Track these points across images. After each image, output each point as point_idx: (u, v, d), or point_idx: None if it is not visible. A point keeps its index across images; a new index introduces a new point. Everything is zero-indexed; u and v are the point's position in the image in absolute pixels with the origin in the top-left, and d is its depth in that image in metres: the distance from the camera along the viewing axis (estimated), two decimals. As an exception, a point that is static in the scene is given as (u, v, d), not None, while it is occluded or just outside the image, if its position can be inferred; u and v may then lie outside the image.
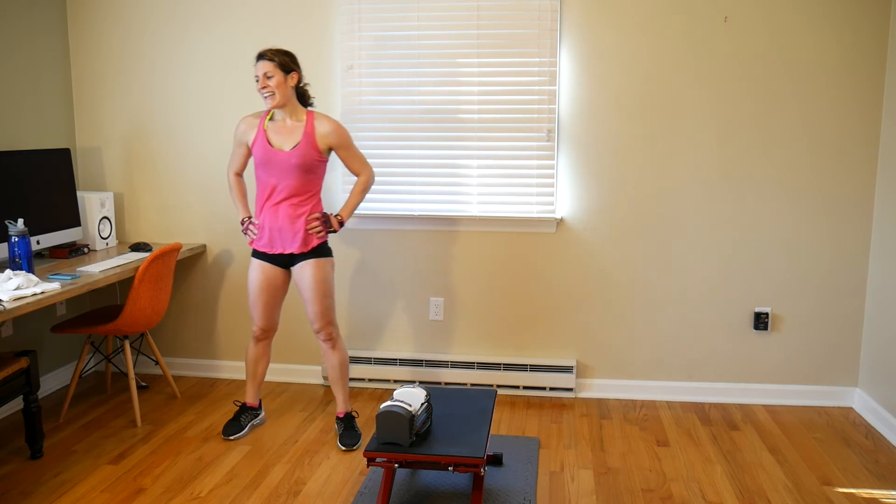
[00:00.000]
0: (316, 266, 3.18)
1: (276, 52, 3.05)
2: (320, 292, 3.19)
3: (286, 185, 3.11)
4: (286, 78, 3.05)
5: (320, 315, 3.21)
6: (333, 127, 3.12)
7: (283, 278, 3.26)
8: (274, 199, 3.13)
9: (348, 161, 3.21)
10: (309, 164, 3.10)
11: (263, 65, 3.03)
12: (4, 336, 3.56)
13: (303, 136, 3.09)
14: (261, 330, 3.32)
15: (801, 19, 3.49)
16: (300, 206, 3.13)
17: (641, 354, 3.81)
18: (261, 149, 3.11)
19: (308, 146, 3.09)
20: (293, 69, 3.07)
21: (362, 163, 3.24)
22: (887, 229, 3.45)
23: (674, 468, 3.06)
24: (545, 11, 3.60)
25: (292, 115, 3.13)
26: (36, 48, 3.74)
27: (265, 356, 3.40)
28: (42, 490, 2.86)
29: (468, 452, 2.47)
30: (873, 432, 3.41)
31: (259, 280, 3.22)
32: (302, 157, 3.08)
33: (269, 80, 3.03)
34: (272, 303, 3.27)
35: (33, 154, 3.47)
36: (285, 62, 3.05)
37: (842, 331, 3.68)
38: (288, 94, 3.08)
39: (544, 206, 3.74)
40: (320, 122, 3.12)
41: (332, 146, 3.15)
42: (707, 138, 3.62)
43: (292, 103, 3.11)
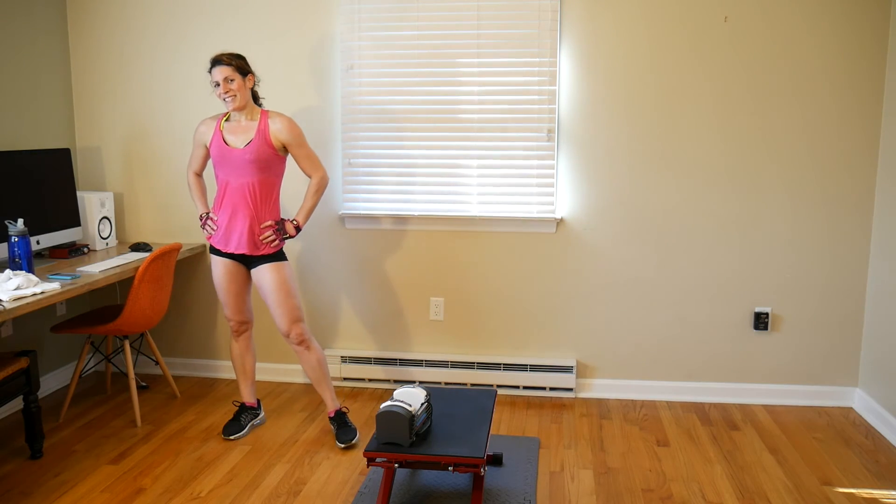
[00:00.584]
0: (273, 269, 3.20)
1: (233, 56, 3.10)
2: (282, 294, 3.20)
3: (241, 184, 3.13)
4: (244, 80, 3.11)
5: (286, 316, 3.21)
6: (285, 123, 3.15)
7: (244, 272, 3.29)
8: (230, 198, 3.16)
9: (300, 160, 3.22)
10: (263, 161, 3.12)
11: (223, 70, 3.07)
12: (4, 336, 3.56)
13: (256, 132, 3.14)
14: (237, 323, 3.34)
15: (801, 19, 3.49)
16: (255, 205, 3.15)
17: (641, 354, 3.81)
18: (217, 148, 3.16)
19: (261, 142, 3.12)
20: (249, 71, 3.14)
21: (314, 164, 3.23)
22: (887, 229, 3.45)
23: (674, 468, 3.06)
24: (545, 11, 3.60)
25: (248, 115, 3.18)
26: (36, 48, 3.74)
27: (249, 350, 3.41)
28: (42, 490, 2.86)
29: (468, 452, 2.47)
30: (873, 432, 3.41)
31: (222, 274, 3.26)
32: (255, 152, 3.11)
33: (231, 83, 3.08)
34: (240, 294, 3.29)
35: (33, 154, 3.47)
36: (242, 65, 3.11)
37: (842, 331, 3.68)
38: (246, 96, 3.14)
39: (544, 206, 3.74)
40: (273, 120, 3.16)
41: (285, 143, 3.16)
42: (707, 138, 3.62)
43: (249, 104, 3.18)
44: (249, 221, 3.16)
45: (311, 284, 3.98)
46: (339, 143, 3.84)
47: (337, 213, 3.90)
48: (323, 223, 3.92)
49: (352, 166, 3.83)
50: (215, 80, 3.09)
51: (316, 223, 3.92)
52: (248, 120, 3.18)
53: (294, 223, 3.22)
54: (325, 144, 3.85)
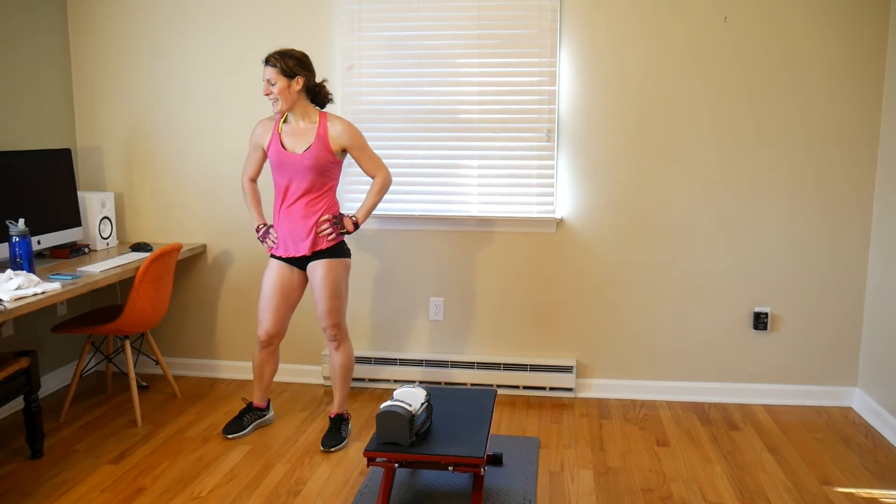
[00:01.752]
0: (328, 266, 3.15)
1: (280, 57, 3.01)
2: (328, 291, 3.15)
3: (298, 187, 3.10)
4: (290, 83, 3.01)
5: (327, 314, 3.18)
6: (345, 128, 3.10)
7: (298, 280, 3.23)
8: (288, 201, 3.13)
9: (361, 162, 3.17)
10: (322, 166, 3.08)
11: (267, 71, 3.02)
12: (5, 336, 3.56)
13: (315, 137, 3.07)
14: (267, 335, 3.25)
15: (801, 19, 3.49)
16: (313, 205, 3.12)
17: (641, 354, 3.81)
18: (275, 152, 3.11)
19: (320, 148, 3.07)
20: (298, 73, 3.02)
21: (377, 164, 3.18)
22: (887, 229, 3.45)
23: (674, 468, 3.06)
24: (545, 11, 3.60)
25: (304, 117, 3.11)
26: (36, 48, 3.74)
27: (271, 360, 3.36)
28: (42, 490, 2.86)
29: (468, 452, 2.48)
30: (873, 432, 3.41)
31: (274, 280, 3.20)
32: (314, 158, 3.06)
33: (273, 86, 3.02)
34: (284, 305, 3.23)
35: (33, 154, 3.47)
36: (289, 67, 3.00)
37: (841, 331, 3.68)
38: (293, 99, 3.05)
39: (544, 206, 3.75)
40: (333, 124, 3.09)
41: (345, 147, 3.12)
42: (707, 138, 3.62)
43: (301, 105, 3.09)
44: (304, 223, 3.12)
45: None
46: (339, 143, 3.84)
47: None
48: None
49: (352, 166, 3.83)
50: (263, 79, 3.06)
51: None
52: (307, 123, 3.10)
53: (353, 219, 3.18)
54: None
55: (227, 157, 3.93)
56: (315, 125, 3.10)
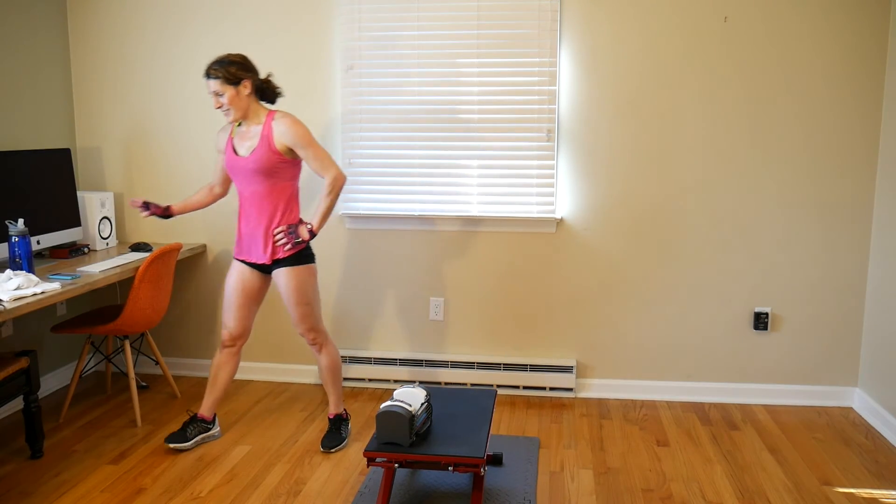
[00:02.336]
0: (290, 274, 3.07)
1: (220, 66, 2.91)
2: (294, 299, 3.10)
3: (249, 192, 3.03)
4: (237, 90, 2.93)
5: (299, 321, 3.15)
6: (287, 125, 2.96)
7: (260, 283, 3.17)
8: (244, 207, 3.07)
9: (308, 161, 3.01)
10: (269, 168, 2.97)
11: (211, 84, 2.92)
12: (4, 336, 3.56)
13: (259, 139, 2.98)
14: (230, 336, 3.19)
15: (800, 20, 3.49)
16: (266, 209, 3.03)
17: (641, 354, 3.81)
18: (227, 158, 3.06)
19: (264, 149, 2.96)
20: (242, 77, 2.93)
21: (323, 163, 3.01)
22: (887, 230, 3.45)
23: (674, 468, 3.06)
24: (545, 11, 3.60)
25: (253, 119, 3.03)
26: (36, 48, 3.74)
27: (229, 364, 3.25)
28: (42, 490, 2.86)
29: (468, 452, 2.47)
30: (873, 432, 3.41)
31: (236, 281, 3.15)
32: (258, 161, 2.96)
33: (221, 97, 2.93)
34: (246, 306, 3.17)
35: (33, 154, 3.47)
36: (231, 74, 2.91)
37: (842, 331, 3.68)
38: (245, 105, 2.97)
39: (544, 206, 3.75)
40: (277, 123, 2.98)
41: (290, 146, 2.98)
42: (707, 138, 3.62)
43: (253, 108, 3.01)
44: (263, 230, 3.05)
45: (311, 284, 3.98)
46: (339, 143, 3.84)
47: (337, 213, 3.90)
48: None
49: (352, 166, 3.84)
50: (209, 93, 2.97)
51: (316, 223, 3.92)
52: (255, 124, 3.02)
53: (308, 227, 3.04)
54: (326, 144, 3.85)
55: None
56: (261, 126, 3.01)
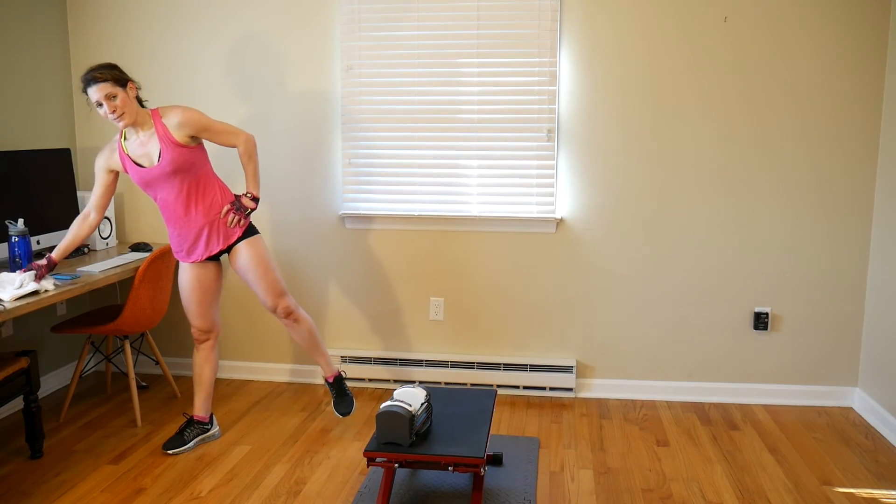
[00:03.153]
0: (248, 247, 3.09)
1: (105, 70, 2.81)
2: (261, 269, 3.10)
3: (178, 193, 2.97)
4: (126, 91, 2.84)
5: (270, 290, 3.13)
6: (181, 115, 2.91)
7: (214, 273, 3.17)
8: (177, 212, 3.00)
9: (216, 139, 2.99)
10: (183, 165, 2.93)
11: (100, 88, 2.78)
12: (4, 336, 3.56)
13: (160, 142, 2.91)
14: (199, 331, 3.22)
15: (801, 19, 3.49)
16: (202, 201, 3.00)
17: (641, 354, 3.81)
18: (136, 173, 2.94)
19: (171, 149, 2.90)
20: (127, 79, 2.86)
21: (232, 133, 3.01)
22: (887, 229, 3.45)
23: (674, 468, 3.06)
24: (545, 11, 3.60)
25: (141, 125, 2.92)
26: (36, 48, 3.74)
27: (209, 360, 3.27)
28: (42, 490, 2.86)
29: (468, 452, 2.47)
30: (873, 432, 3.41)
31: (191, 280, 3.13)
32: (172, 163, 2.91)
33: (114, 100, 2.80)
34: (207, 300, 3.18)
35: (33, 154, 3.47)
36: (117, 76, 2.82)
37: (842, 331, 3.68)
38: (135, 108, 2.88)
39: (544, 206, 3.75)
40: (168, 118, 2.92)
41: (191, 133, 2.93)
42: (707, 138, 3.62)
43: (139, 113, 2.91)
44: (205, 222, 3.02)
45: (312, 284, 3.98)
46: (339, 143, 3.84)
47: (337, 213, 3.90)
48: (323, 223, 3.92)
49: (352, 166, 3.84)
50: (95, 101, 2.79)
51: (316, 223, 3.92)
52: (146, 130, 2.92)
53: (248, 195, 3.06)
54: (326, 144, 3.85)
55: (226, 157, 3.92)
56: (153, 129, 2.92)
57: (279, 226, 3.95)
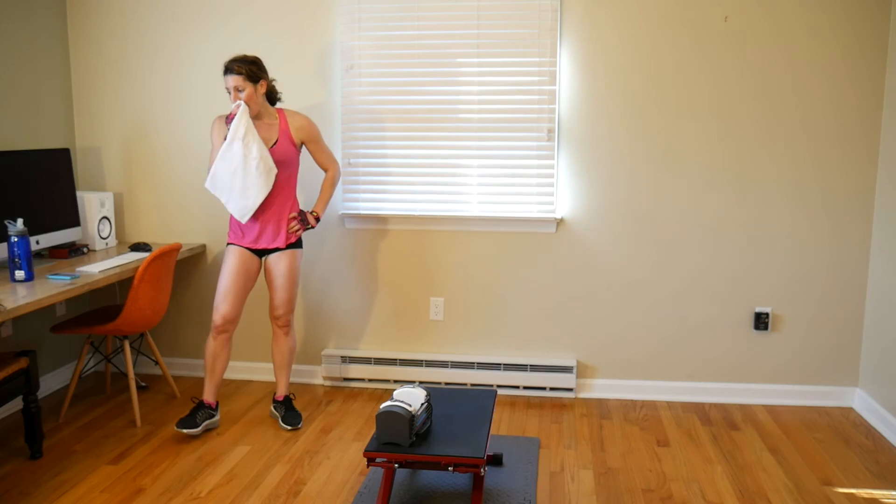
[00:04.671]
0: (291, 256, 3.36)
1: (243, 64, 3.11)
2: (291, 280, 3.37)
3: None
4: (256, 88, 3.14)
5: (287, 302, 3.39)
6: (306, 122, 3.30)
7: (256, 268, 3.37)
8: None
9: (318, 155, 3.38)
10: (288, 160, 3.26)
11: (233, 79, 3.10)
12: (4, 336, 3.56)
13: (279, 133, 3.24)
14: (224, 320, 3.31)
15: (801, 19, 3.49)
16: (283, 198, 3.29)
17: (641, 354, 3.81)
18: None
19: (286, 142, 3.24)
20: (261, 77, 3.16)
21: (331, 157, 3.42)
22: (888, 229, 3.45)
23: (674, 468, 3.05)
24: (545, 11, 3.60)
25: (265, 116, 3.25)
26: (36, 48, 3.74)
27: (224, 352, 3.38)
28: (42, 490, 2.86)
29: (468, 452, 2.47)
30: (873, 432, 3.41)
31: (236, 265, 3.30)
32: (282, 153, 3.23)
33: (241, 93, 3.12)
34: (242, 291, 3.34)
35: (33, 154, 3.47)
36: (253, 72, 3.12)
37: (842, 331, 3.68)
38: (259, 103, 3.19)
39: (544, 206, 3.74)
40: (293, 118, 3.29)
41: (304, 140, 3.32)
42: (707, 138, 3.62)
43: (264, 107, 3.24)
44: (278, 217, 3.29)
45: (312, 284, 3.98)
46: (339, 143, 3.84)
47: (337, 213, 3.90)
48: (323, 223, 3.92)
49: (352, 166, 3.83)
50: (226, 87, 3.15)
51: (316, 223, 3.92)
52: (269, 120, 3.26)
53: (314, 214, 3.38)
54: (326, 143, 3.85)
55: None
56: (276, 121, 3.27)
57: (279, 226, 3.95)
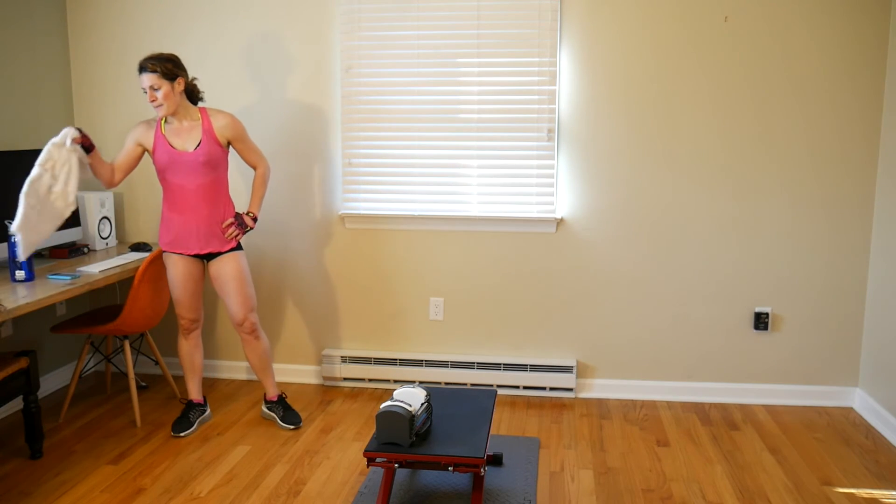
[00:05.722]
0: (234, 259, 3.29)
1: (158, 62, 3.03)
2: (242, 283, 3.30)
3: (198, 185, 3.16)
4: (172, 86, 3.06)
5: (243, 304, 3.31)
6: (229, 120, 3.21)
7: (202, 269, 3.34)
8: (186, 201, 3.17)
9: (245, 153, 3.29)
10: (214, 161, 3.17)
11: (148, 77, 3.02)
12: (4, 336, 3.56)
13: (202, 133, 3.15)
14: (190, 321, 3.36)
15: (801, 19, 3.49)
16: (212, 200, 3.20)
17: (641, 354, 3.81)
18: (165, 153, 3.13)
19: (210, 143, 3.15)
20: (178, 74, 3.07)
21: (259, 154, 3.33)
22: (888, 229, 3.45)
23: (674, 468, 3.05)
24: (545, 11, 3.60)
25: (185, 116, 3.17)
26: (36, 49, 3.74)
27: (198, 348, 3.43)
28: (42, 490, 2.86)
29: (468, 452, 2.47)
30: (873, 432, 3.41)
31: (181, 274, 3.27)
32: (207, 154, 3.14)
33: (157, 91, 3.04)
34: (196, 293, 3.33)
35: (33, 154, 3.46)
36: (168, 70, 3.04)
37: (842, 331, 3.68)
38: (177, 101, 3.10)
39: (544, 206, 3.74)
40: (216, 117, 3.19)
41: (230, 139, 3.22)
42: (707, 138, 3.62)
43: (183, 106, 3.15)
44: (209, 221, 3.21)
45: (312, 285, 3.98)
46: (339, 143, 3.84)
47: (337, 213, 3.90)
48: (323, 223, 3.92)
49: (352, 166, 3.83)
50: (143, 87, 3.06)
51: (316, 223, 3.92)
52: (190, 121, 3.17)
53: (250, 215, 3.31)
54: (325, 144, 3.85)
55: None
56: (199, 121, 3.18)
57: (279, 226, 3.95)
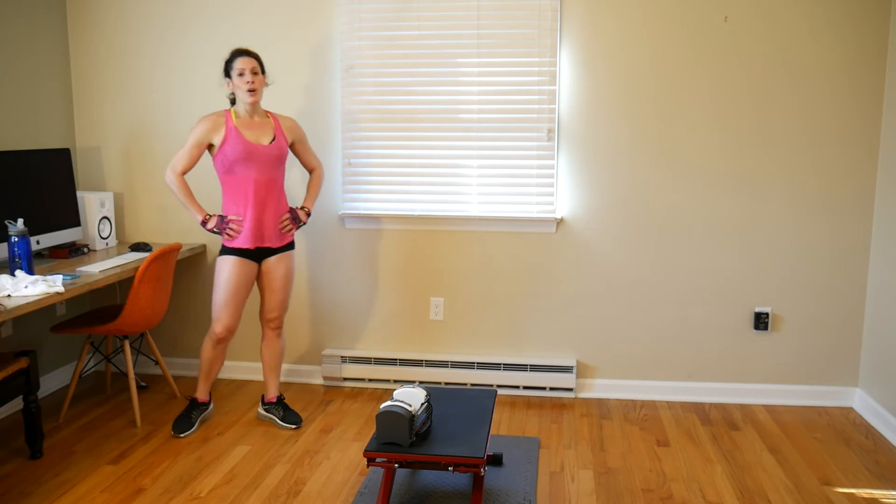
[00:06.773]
0: (290, 258, 3.37)
1: (257, 55, 3.21)
2: (289, 283, 3.38)
3: (269, 179, 3.22)
4: (263, 78, 3.21)
5: (282, 303, 3.39)
6: (294, 123, 3.36)
7: (254, 275, 3.33)
8: (259, 194, 3.20)
9: (305, 155, 3.41)
10: (284, 157, 3.27)
11: (248, 61, 3.14)
12: (4, 336, 3.56)
13: (276, 130, 3.26)
14: (226, 330, 3.30)
15: (801, 19, 3.49)
16: (280, 196, 3.29)
17: (641, 354, 3.81)
18: (240, 144, 3.14)
19: (282, 140, 3.26)
20: (265, 72, 3.26)
21: (316, 157, 3.46)
22: (888, 229, 3.45)
23: (674, 468, 3.05)
24: (545, 11, 3.60)
25: (256, 113, 3.25)
26: (36, 48, 3.74)
27: (221, 357, 3.42)
28: (42, 490, 2.86)
29: (468, 452, 2.47)
30: (873, 432, 3.41)
31: (236, 276, 3.24)
32: (280, 149, 3.24)
33: (256, 76, 3.16)
34: (242, 300, 3.31)
35: (33, 154, 3.47)
36: (262, 63, 3.21)
37: (842, 331, 3.68)
38: (262, 94, 3.27)
39: (544, 206, 3.74)
40: (283, 120, 3.32)
41: (294, 140, 3.35)
42: (707, 138, 3.62)
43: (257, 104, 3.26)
44: (276, 214, 3.28)
45: (312, 284, 3.98)
46: (339, 143, 3.84)
47: (337, 213, 3.90)
48: (323, 223, 3.92)
49: (352, 166, 3.83)
50: (240, 69, 3.12)
51: (316, 223, 3.92)
52: (260, 118, 3.25)
53: (304, 210, 3.38)
54: (326, 144, 3.85)
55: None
56: (269, 119, 3.28)
57: (279, 226, 3.95)
